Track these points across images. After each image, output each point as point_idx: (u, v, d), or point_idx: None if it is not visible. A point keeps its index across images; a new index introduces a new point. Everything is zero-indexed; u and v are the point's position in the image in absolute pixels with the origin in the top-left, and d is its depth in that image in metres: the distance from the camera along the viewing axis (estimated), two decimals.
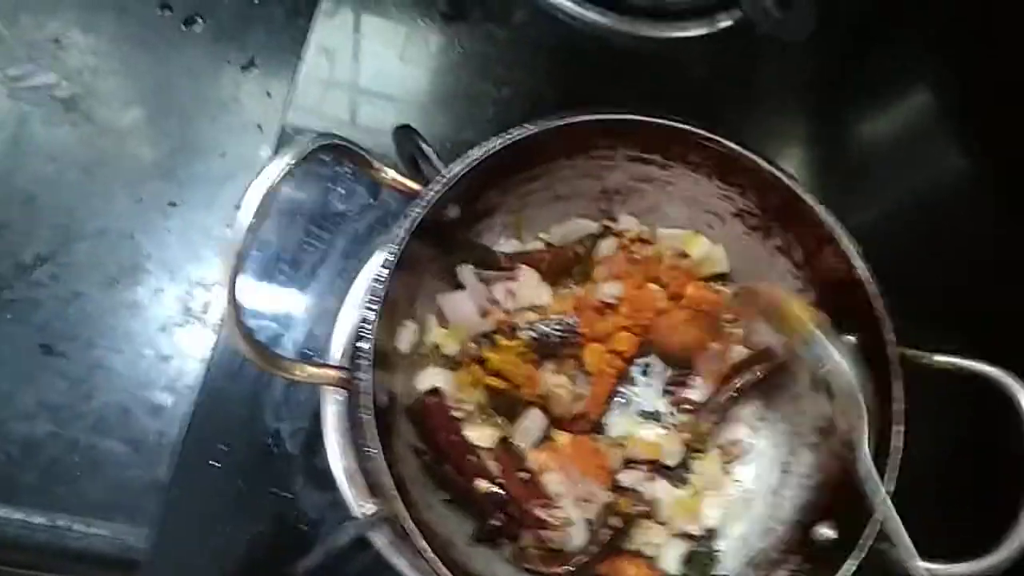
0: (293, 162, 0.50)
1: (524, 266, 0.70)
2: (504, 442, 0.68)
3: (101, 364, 0.74)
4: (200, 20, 0.85)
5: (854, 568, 0.57)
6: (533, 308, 0.70)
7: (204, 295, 0.76)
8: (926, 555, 0.58)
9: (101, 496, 0.70)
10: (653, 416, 0.72)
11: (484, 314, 0.70)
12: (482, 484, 0.65)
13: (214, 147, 0.81)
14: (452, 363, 0.68)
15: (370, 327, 0.54)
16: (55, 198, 0.78)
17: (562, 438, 0.70)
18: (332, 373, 0.55)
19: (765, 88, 0.91)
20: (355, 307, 0.71)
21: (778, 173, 0.63)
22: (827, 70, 0.94)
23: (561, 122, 0.61)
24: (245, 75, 0.84)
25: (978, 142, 0.93)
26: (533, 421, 0.70)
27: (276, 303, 0.74)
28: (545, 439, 0.70)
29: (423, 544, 0.52)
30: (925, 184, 0.92)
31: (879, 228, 0.84)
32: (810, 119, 0.93)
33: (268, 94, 0.84)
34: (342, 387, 0.55)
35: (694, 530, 0.68)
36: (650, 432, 0.71)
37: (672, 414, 0.72)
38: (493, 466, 0.67)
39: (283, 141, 0.78)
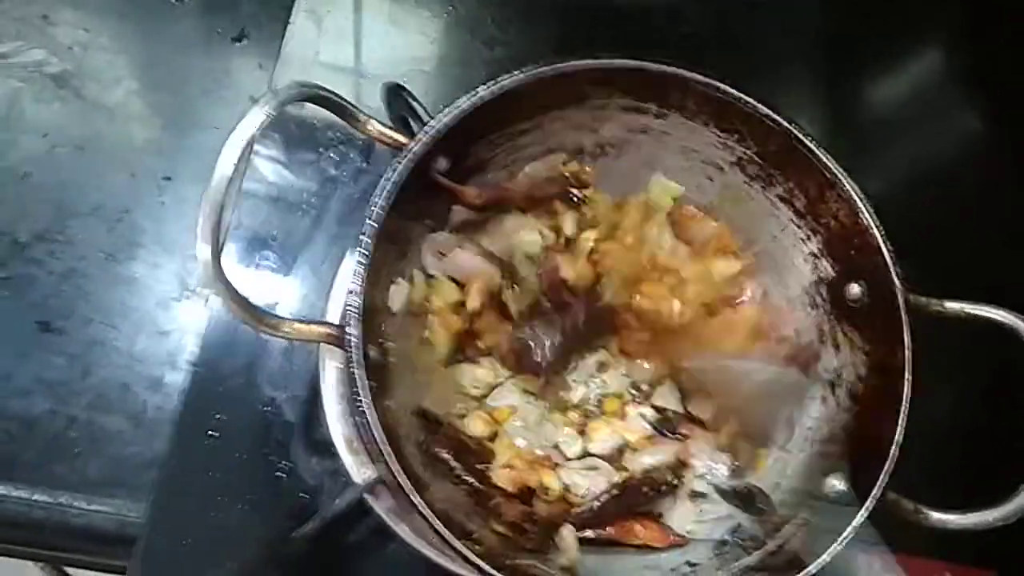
0: (271, 109, 0.49)
1: None
2: None
3: (99, 340, 0.73)
4: None
5: (864, 519, 0.56)
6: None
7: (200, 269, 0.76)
8: (938, 504, 0.57)
9: (101, 472, 0.70)
10: None
11: None
12: None
13: (206, 120, 0.81)
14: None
15: (358, 280, 0.53)
16: (48, 175, 0.77)
17: None
18: (320, 330, 0.54)
19: (770, 47, 0.90)
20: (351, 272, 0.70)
21: (777, 116, 0.61)
22: (835, 29, 0.92)
23: (552, 69, 0.59)
24: (236, 47, 0.84)
25: (989, 103, 0.92)
26: None
27: (269, 270, 0.73)
28: None
29: (416, 498, 0.50)
30: (936, 145, 0.91)
31: (889, 189, 0.83)
32: (817, 79, 0.91)
33: (260, 66, 0.83)
34: (332, 343, 0.54)
35: (701, 488, 0.66)
36: None
37: None
38: None
39: None
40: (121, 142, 0.80)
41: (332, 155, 0.76)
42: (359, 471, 0.66)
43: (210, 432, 0.67)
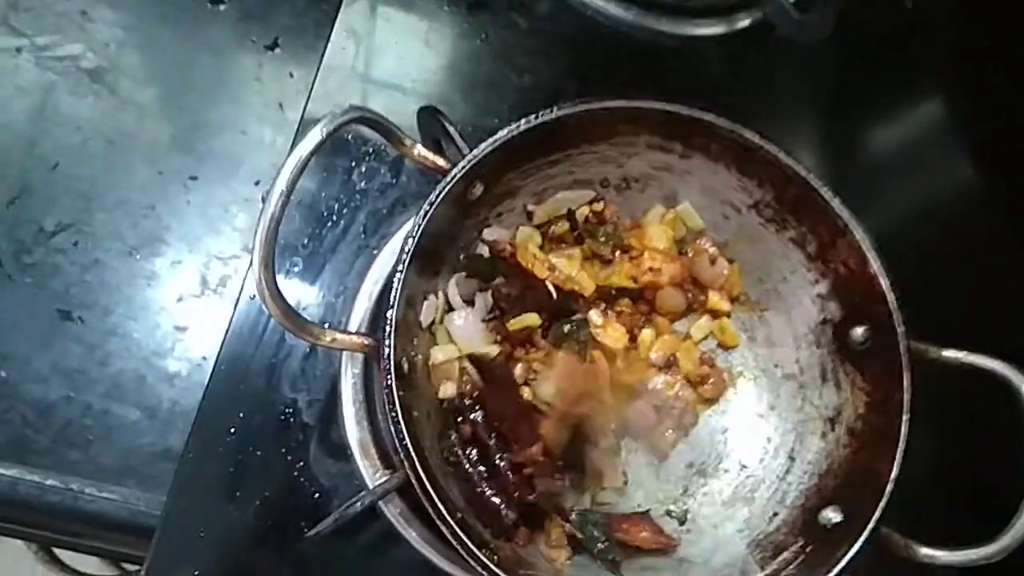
0: (327, 133, 0.51)
1: None
2: None
3: (117, 331, 0.75)
4: None
5: (858, 551, 0.59)
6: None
7: (221, 268, 0.77)
8: (929, 542, 0.60)
9: (114, 461, 0.71)
10: None
11: None
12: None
13: (235, 124, 0.82)
14: None
15: (396, 295, 0.55)
16: (78, 167, 0.79)
17: None
18: (358, 340, 0.56)
19: (779, 90, 0.93)
20: (375, 283, 0.72)
21: (796, 166, 0.64)
22: (842, 75, 0.95)
23: (589, 106, 0.62)
24: (268, 55, 0.85)
25: (986, 150, 0.95)
26: None
27: (296, 277, 0.75)
28: None
29: (438, 507, 0.53)
30: (935, 189, 0.94)
31: (888, 231, 0.85)
32: (823, 123, 0.94)
33: (290, 75, 0.85)
34: (366, 353, 0.56)
35: None
36: None
37: None
38: None
39: (306, 122, 0.79)
40: (150, 140, 0.81)
41: (363, 168, 0.78)
42: (372, 475, 0.68)
43: (230, 429, 0.69)
